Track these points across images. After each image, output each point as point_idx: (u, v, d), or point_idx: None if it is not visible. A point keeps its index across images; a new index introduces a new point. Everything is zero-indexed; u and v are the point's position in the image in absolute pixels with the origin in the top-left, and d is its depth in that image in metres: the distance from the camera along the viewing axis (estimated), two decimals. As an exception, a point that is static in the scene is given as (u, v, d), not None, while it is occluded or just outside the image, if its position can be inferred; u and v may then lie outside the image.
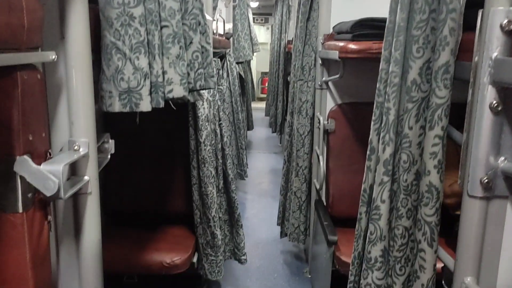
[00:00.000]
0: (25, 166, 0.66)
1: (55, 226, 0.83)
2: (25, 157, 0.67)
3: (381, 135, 0.95)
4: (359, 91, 2.68)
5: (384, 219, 0.97)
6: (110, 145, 0.99)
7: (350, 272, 1.18)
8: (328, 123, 2.63)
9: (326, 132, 2.65)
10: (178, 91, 1.16)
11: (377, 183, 0.97)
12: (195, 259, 2.39)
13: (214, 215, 2.35)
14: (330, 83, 2.71)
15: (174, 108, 1.52)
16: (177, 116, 2.49)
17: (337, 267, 2.25)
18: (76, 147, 0.80)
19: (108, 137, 0.96)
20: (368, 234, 1.03)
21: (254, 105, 7.59)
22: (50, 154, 0.78)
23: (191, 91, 1.30)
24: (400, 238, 0.98)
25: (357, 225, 1.16)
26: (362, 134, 2.66)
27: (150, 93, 1.05)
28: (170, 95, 1.14)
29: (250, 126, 6.46)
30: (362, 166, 2.78)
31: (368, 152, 1.03)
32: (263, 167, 5.72)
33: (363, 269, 1.06)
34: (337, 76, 2.48)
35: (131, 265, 2.18)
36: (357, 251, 1.14)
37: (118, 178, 2.62)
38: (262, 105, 9.84)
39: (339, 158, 2.66)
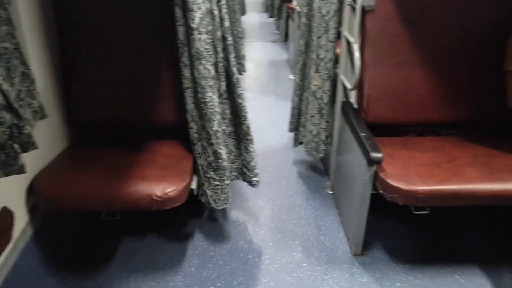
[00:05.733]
0: None
1: None
2: None
3: None
4: None
5: None
6: None
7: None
8: (366, -3, 1.91)
9: (362, 10, 1.94)
10: None
11: None
12: (194, 185, 1.85)
13: (216, 130, 1.75)
14: None
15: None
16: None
17: (380, 191, 1.73)
18: None
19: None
20: None
21: (244, -15, 6.57)
22: None
23: None
24: None
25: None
26: (411, 13, 1.96)
27: None
28: None
29: (242, 11, 5.56)
30: (407, 58, 2.13)
31: None
32: (259, 58, 5.00)
33: None
34: None
35: (111, 200, 1.63)
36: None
37: (87, 82, 1.96)
38: (253, -14, 8.69)
39: (378, 47, 2.00)
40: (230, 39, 1.79)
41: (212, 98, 1.71)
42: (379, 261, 1.92)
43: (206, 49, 1.66)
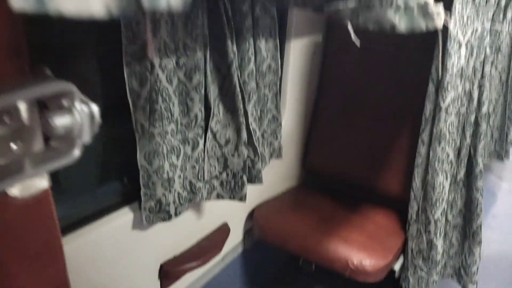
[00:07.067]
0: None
1: None
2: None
3: None
4: None
5: None
6: None
7: None
8: None
9: None
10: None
11: None
12: (397, 266, 1.72)
13: (436, 219, 1.59)
14: None
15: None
16: (418, 65, 1.73)
17: None
18: None
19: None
20: None
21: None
22: None
23: None
24: None
25: None
26: None
27: None
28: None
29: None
30: None
31: None
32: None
33: None
34: None
35: (309, 250, 1.68)
36: None
37: (327, 133, 2.07)
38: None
39: None
40: (483, 126, 1.61)
41: (442, 184, 1.57)
42: None
43: (451, 132, 1.53)
